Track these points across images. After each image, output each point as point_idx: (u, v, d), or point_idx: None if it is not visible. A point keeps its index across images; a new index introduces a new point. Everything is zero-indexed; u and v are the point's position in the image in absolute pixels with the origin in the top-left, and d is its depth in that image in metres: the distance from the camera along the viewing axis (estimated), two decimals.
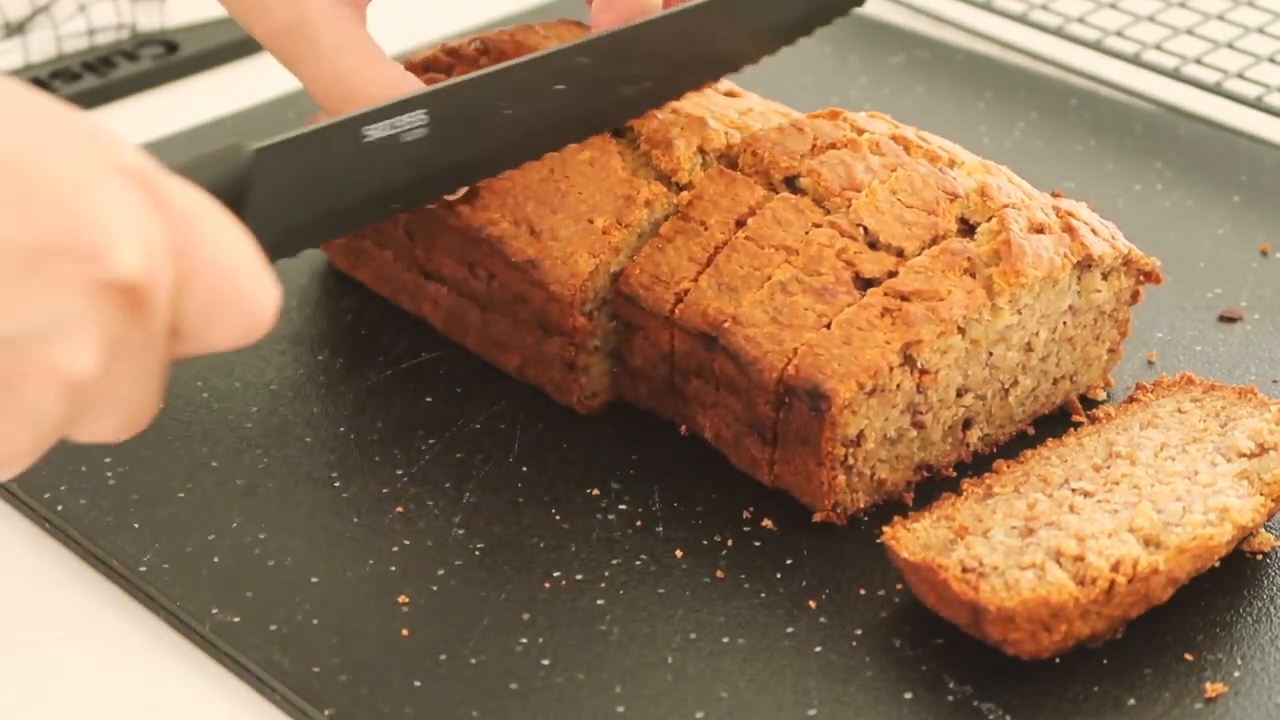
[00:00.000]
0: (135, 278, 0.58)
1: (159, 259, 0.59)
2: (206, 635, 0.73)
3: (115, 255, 0.57)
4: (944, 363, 0.78)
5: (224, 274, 0.62)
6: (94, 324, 0.57)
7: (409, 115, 0.76)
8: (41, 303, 0.56)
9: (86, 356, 0.58)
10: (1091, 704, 0.70)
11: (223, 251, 0.62)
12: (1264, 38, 1.14)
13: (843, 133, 0.83)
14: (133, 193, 0.58)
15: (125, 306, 0.58)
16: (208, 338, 0.62)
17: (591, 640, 0.73)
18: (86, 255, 0.57)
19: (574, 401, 0.84)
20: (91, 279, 0.57)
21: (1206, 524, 0.71)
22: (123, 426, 0.62)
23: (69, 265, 0.56)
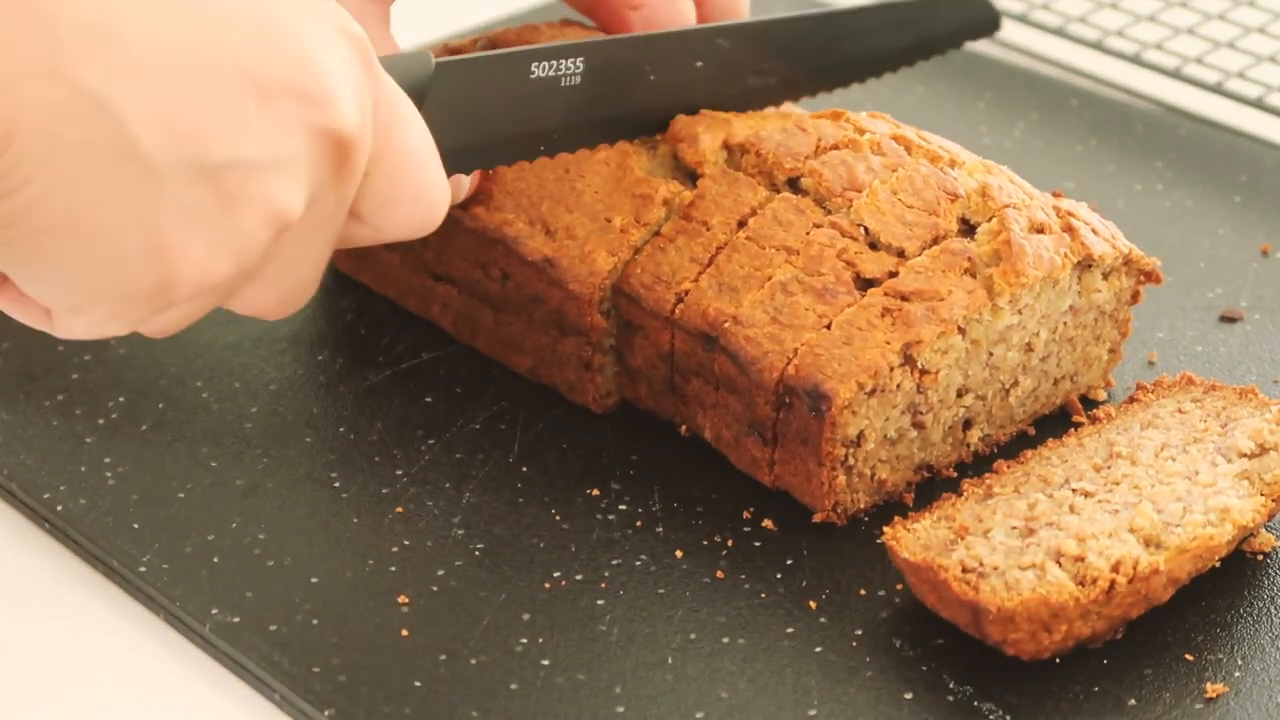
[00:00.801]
0: (352, 131, 0.62)
1: (368, 123, 0.64)
2: (206, 635, 0.73)
3: (339, 106, 0.62)
4: (944, 363, 0.78)
5: (411, 160, 0.66)
6: (307, 168, 0.62)
7: (570, 60, 0.80)
8: (272, 134, 0.61)
9: (297, 196, 0.62)
10: (1091, 704, 0.70)
11: (412, 139, 0.67)
12: (1264, 38, 1.14)
13: (845, 133, 0.83)
14: (355, 58, 0.63)
15: (333, 160, 0.62)
16: (384, 222, 0.67)
17: (591, 640, 0.73)
18: (315, 100, 0.61)
19: (589, 401, 0.84)
20: (314, 123, 0.62)
21: (1207, 524, 0.71)
22: (285, 299, 0.66)
23: (299, 106, 0.61)
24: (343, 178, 0.64)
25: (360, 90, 0.64)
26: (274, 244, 0.63)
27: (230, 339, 0.89)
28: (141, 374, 0.87)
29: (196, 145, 0.60)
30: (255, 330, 0.90)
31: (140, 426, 0.83)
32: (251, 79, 0.61)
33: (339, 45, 0.63)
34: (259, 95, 0.61)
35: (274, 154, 0.61)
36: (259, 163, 0.61)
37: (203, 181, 0.60)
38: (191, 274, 0.61)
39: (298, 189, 0.62)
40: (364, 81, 0.64)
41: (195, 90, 0.60)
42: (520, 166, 0.85)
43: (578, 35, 0.90)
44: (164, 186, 0.60)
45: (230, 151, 0.60)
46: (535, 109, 0.80)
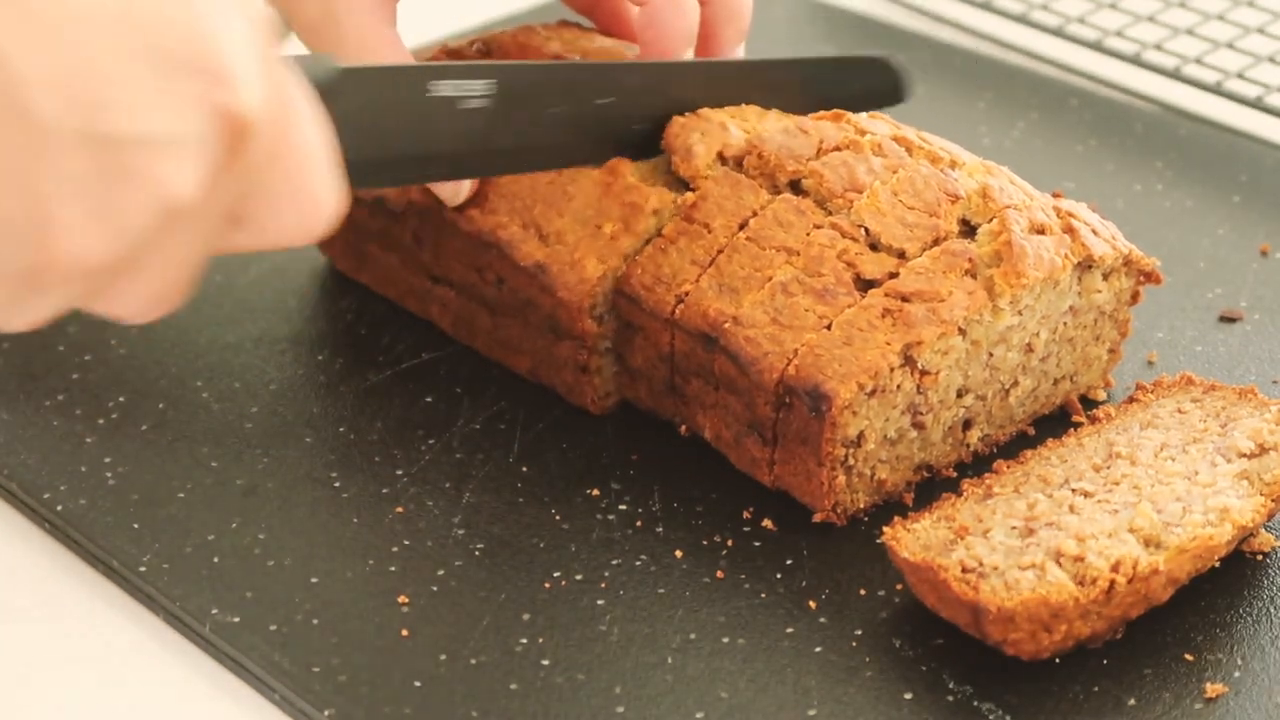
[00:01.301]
0: (253, 112, 0.59)
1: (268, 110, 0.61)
2: (206, 635, 0.73)
3: (240, 86, 0.59)
4: (944, 363, 0.78)
5: (305, 160, 0.63)
6: (204, 152, 0.59)
7: (477, 81, 0.78)
8: (168, 108, 0.58)
9: (188, 179, 0.58)
10: (1091, 704, 0.70)
11: (308, 138, 0.63)
12: (1264, 38, 1.14)
13: (846, 135, 0.83)
14: (259, 42, 0.60)
15: (229, 144, 0.59)
16: (268, 224, 0.63)
17: (591, 640, 0.73)
18: (215, 77, 0.58)
19: (587, 402, 0.84)
20: (212, 102, 0.58)
21: (1206, 524, 0.71)
22: (154, 301, 0.62)
23: (197, 83, 0.58)
24: (235, 165, 0.60)
25: (262, 74, 0.60)
26: (157, 231, 0.59)
27: (230, 339, 0.89)
28: (141, 374, 0.87)
29: (91, 113, 0.57)
30: (255, 330, 0.90)
31: (140, 426, 0.83)
32: (155, 51, 0.58)
33: (242, 25, 0.60)
34: (161, 68, 0.58)
35: (170, 131, 0.58)
36: (154, 138, 0.58)
37: (92, 151, 0.57)
38: (69, 251, 0.57)
39: (190, 170, 0.59)
40: (265, 67, 0.61)
41: (96, 56, 0.57)
42: None
43: (575, 37, 0.90)
44: (51, 151, 0.56)
45: (125, 123, 0.57)
46: (434, 129, 0.78)
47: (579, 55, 0.88)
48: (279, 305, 0.92)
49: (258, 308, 0.91)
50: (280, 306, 0.92)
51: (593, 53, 0.88)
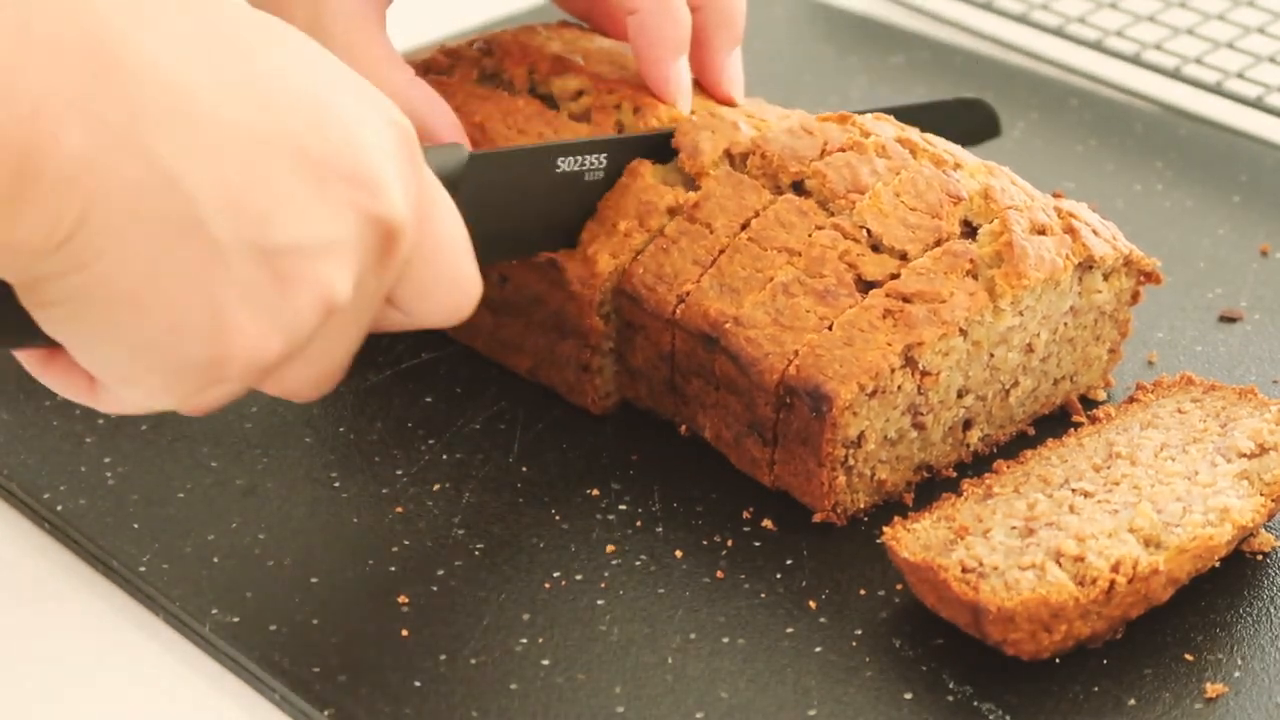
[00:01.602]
0: (400, 218, 0.64)
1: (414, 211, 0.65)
2: (206, 635, 0.73)
3: (389, 193, 0.64)
4: (945, 364, 0.78)
5: (448, 251, 0.68)
6: (357, 253, 0.63)
7: (594, 155, 0.82)
8: (327, 218, 0.62)
9: (347, 281, 0.63)
10: (1091, 704, 0.70)
11: (450, 230, 0.68)
12: (1264, 38, 1.14)
13: (851, 136, 0.83)
14: (402, 148, 0.65)
15: (380, 246, 0.64)
16: (419, 309, 0.68)
17: (591, 640, 0.73)
18: (367, 186, 0.63)
19: (588, 402, 0.84)
20: (366, 209, 0.63)
21: (1206, 524, 0.71)
22: (318, 382, 0.67)
23: (354, 193, 0.63)
24: (387, 264, 0.65)
25: (406, 179, 0.65)
26: (320, 326, 0.64)
27: None
28: None
29: (259, 226, 0.61)
30: None
31: (140, 426, 0.83)
32: (311, 163, 0.62)
33: (388, 133, 0.65)
34: (317, 179, 0.62)
35: (328, 237, 0.62)
36: (314, 245, 0.62)
37: (262, 261, 0.61)
38: (245, 352, 0.62)
39: (348, 273, 0.63)
40: (409, 171, 0.65)
41: (259, 172, 0.61)
42: None
43: (575, 37, 0.90)
44: (227, 264, 0.61)
45: (289, 233, 0.62)
46: (559, 202, 0.82)
47: (580, 55, 0.88)
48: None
49: None
50: None
51: (593, 53, 0.88)
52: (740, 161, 0.83)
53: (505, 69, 0.88)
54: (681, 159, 0.83)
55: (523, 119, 0.86)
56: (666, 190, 0.82)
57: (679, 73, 0.85)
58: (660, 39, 0.84)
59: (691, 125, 0.84)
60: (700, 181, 0.82)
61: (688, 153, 0.83)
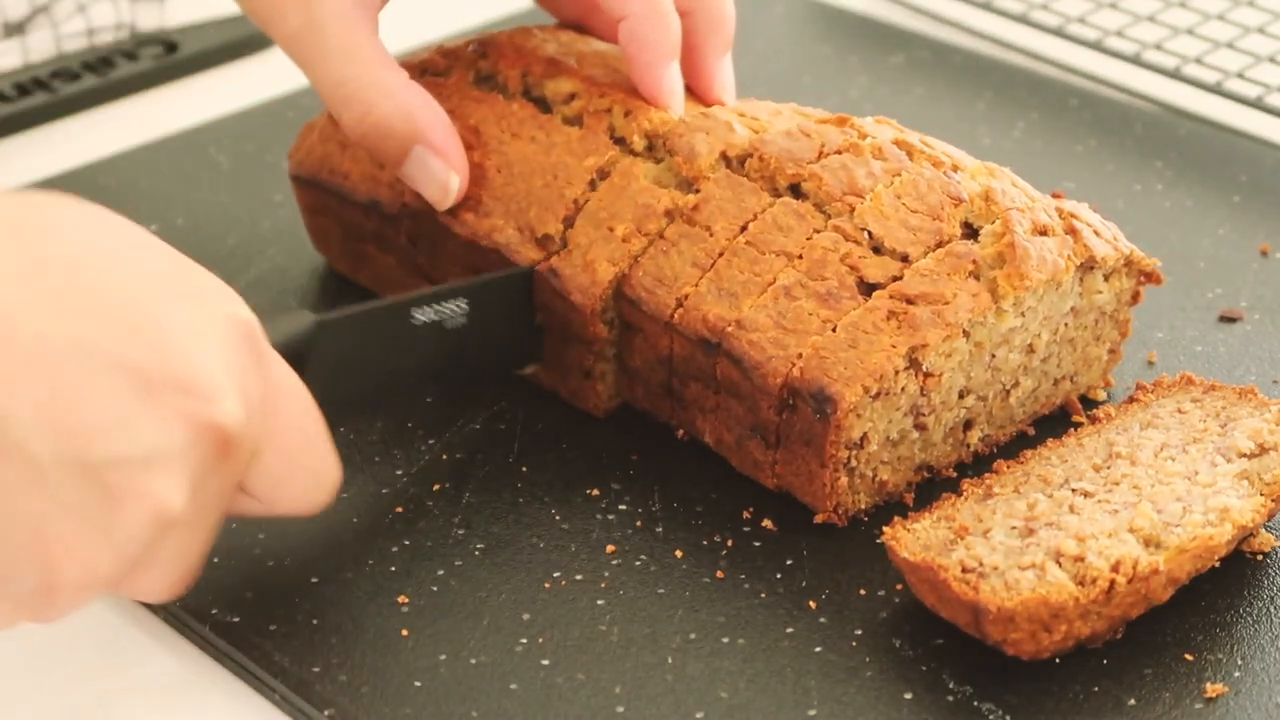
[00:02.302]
0: (235, 424, 0.62)
1: (253, 413, 0.63)
2: (206, 635, 0.73)
3: (222, 400, 0.61)
4: (948, 365, 0.78)
5: (300, 440, 0.66)
6: (189, 462, 0.61)
7: (453, 302, 0.80)
8: (153, 429, 0.60)
9: (180, 492, 0.61)
10: (1091, 704, 0.70)
11: (303, 421, 0.67)
12: (1264, 38, 1.14)
13: (849, 138, 0.83)
14: (240, 346, 0.63)
15: (216, 453, 0.62)
16: (275, 501, 0.67)
17: (591, 640, 0.73)
18: (198, 393, 0.61)
19: (591, 407, 0.84)
20: (196, 417, 0.61)
21: (1206, 524, 0.71)
22: (171, 585, 0.65)
23: (181, 400, 0.60)
24: (227, 468, 0.63)
25: (246, 378, 0.63)
26: (156, 538, 0.62)
27: None
28: None
29: (78, 441, 0.59)
30: None
31: None
32: (133, 373, 0.60)
33: (225, 332, 0.63)
34: (141, 390, 0.60)
35: (156, 448, 0.60)
36: (141, 459, 0.60)
37: (86, 477, 0.59)
38: (75, 572, 0.60)
39: (180, 484, 0.61)
40: (250, 368, 0.63)
41: (77, 385, 0.59)
42: (507, 172, 0.84)
43: (572, 39, 0.90)
44: (48, 483, 0.59)
45: (113, 448, 0.59)
46: (423, 354, 0.80)
47: (574, 58, 0.88)
48: (279, 305, 0.92)
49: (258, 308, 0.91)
50: (280, 306, 0.91)
51: (588, 56, 0.88)
52: (738, 164, 0.83)
53: (500, 71, 0.88)
54: (677, 161, 0.83)
55: (516, 123, 0.86)
56: (662, 193, 0.82)
57: (671, 78, 0.85)
58: (652, 44, 0.84)
59: (685, 127, 0.84)
60: (698, 184, 0.82)
61: (683, 155, 0.83)
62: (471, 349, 0.82)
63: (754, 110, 0.86)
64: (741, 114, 0.85)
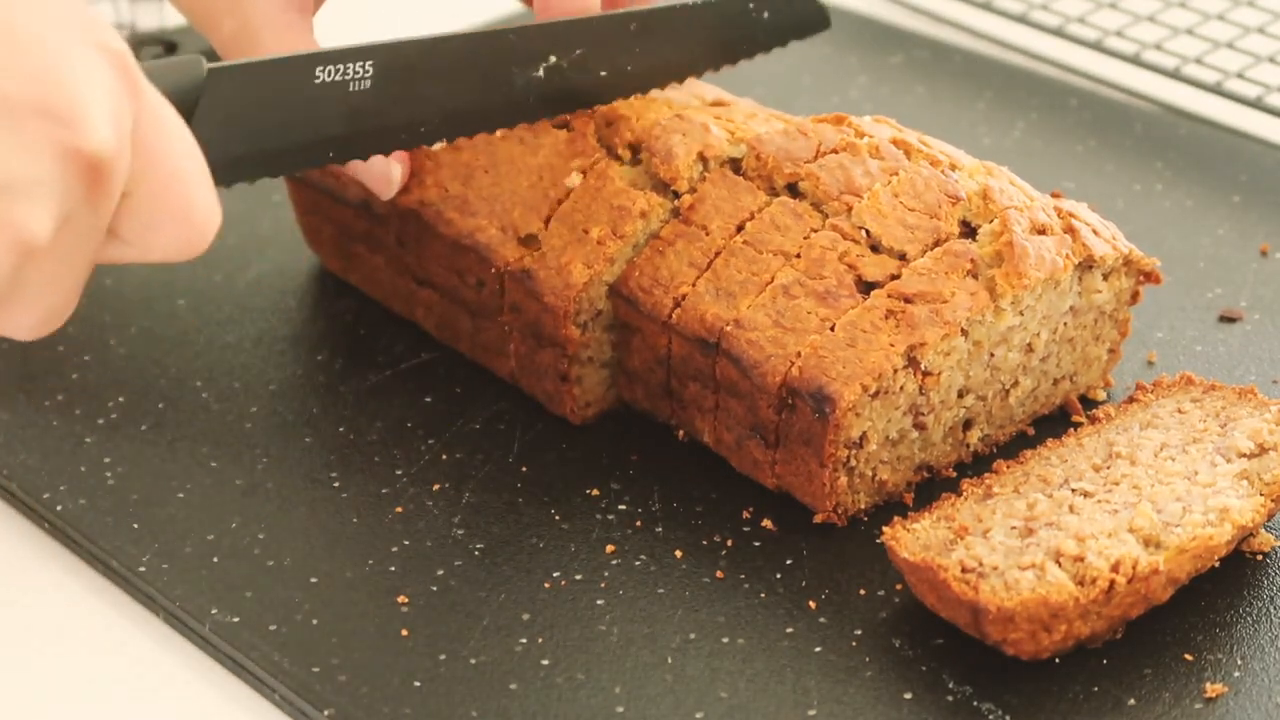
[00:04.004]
0: (104, 151, 0.59)
1: (125, 143, 0.61)
2: (206, 635, 0.73)
3: (90, 125, 0.59)
4: (947, 364, 0.78)
5: (177, 179, 0.63)
6: (56, 190, 0.59)
7: (358, 64, 0.77)
8: (16, 155, 0.58)
9: (44, 220, 0.59)
10: (1091, 704, 0.70)
11: (179, 157, 0.63)
12: (1264, 38, 1.14)
13: (846, 138, 0.83)
14: (112, 74, 0.60)
15: (85, 182, 0.60)
16: (146, 244, 0.64)
17: (591, 640, 0.73)
18: (64, 119, 0.59)
19: (567, 412, 0.84)
20: (63, 144, 0.59)
21: (1206, 524, 0.71)
22: (42, 321, 0.63)
23: (46, 126, 0.58)
24: (97, 199, 0.61)
25: (118, 107, 0.61)
26: (22, 268, 0.60)
27: (230, 339, 0.89)
28: (141, 374, 0.87)
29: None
30: (255, 330, 0.90)
31: (140, 426, 0.83)
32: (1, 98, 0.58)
33: (94, 59, 0.61)
34: (5, 115, 0.59)
35: (18, 176, 0.59)
36: (5, 185, 0.59)
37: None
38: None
39: (45, 212, 0.59)
40: (123, 98, 0.61)
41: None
42: (494, 173, 0.84)
43: None
44: None
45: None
46: (320, 115, 0.77)
47: None
48: (279, 305, 0.92)
49: (257, 308, 0.91)
50: (280, 307, 0.92)
51: None
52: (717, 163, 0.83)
53: None
54: (655, 164, 0.83)
55: None
56: (638, 195, 0.82)
57: None
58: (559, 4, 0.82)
59: (662, 129, 0.84)
60: (678, 187, 0.82)
61: (660, 157, 0.83)
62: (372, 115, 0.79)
63: (730, 112, 0.86)
64: (718, 116, 0.85)
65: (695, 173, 0.82)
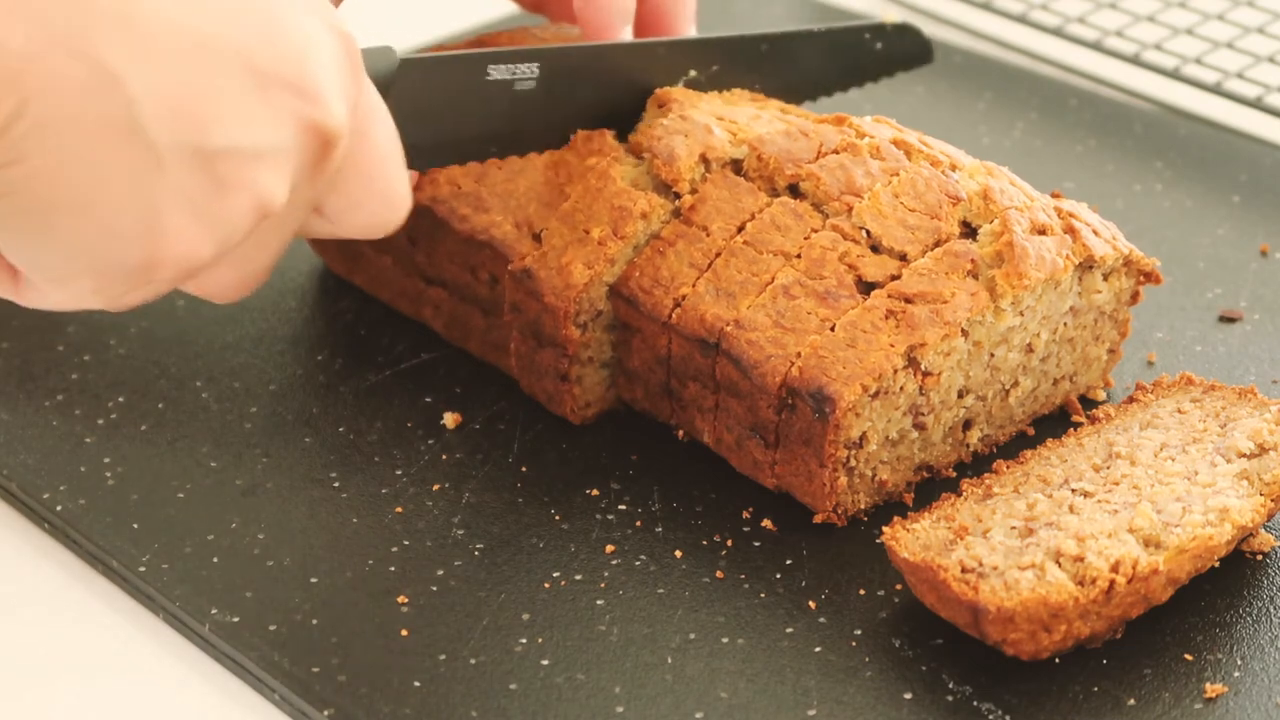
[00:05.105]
0: (338, 126, 0.64)
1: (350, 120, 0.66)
2: (206, 635, 0.73)
3: (329, 101, 0.64)
4: (947, 365, 0.78)
5: (380, 161, 0.68)
6: (293, 160, 0.64)
7: (526, 65, 0.81)
8: (266, 123, 0.63)
9: (283, 185, 0.64)
10: (1091, 704, 0.70)
11: (385, 142, 0.68)
12: (1264, 38, 1.14)
13: (847, 138, 0.83)
14: (343, 56, 0.65)
15: (316, 154, 0.64)
16: (346, 219, 0.69)
17: (591, 640, 0.73)
18: (309, 94, 0.63)
19: (566, 412, 0.84)
20: (304, 117, 0.63)
21: (1206, 524, 0.71)
22: (242, 284, 0.68)
23: (291, 99, 0.63)
24: (321, 172, 0.65)
25: (346, 88, 0.65)
26: (252, 230, 0.64)
27: (230, 339, 0.89)
28: (141, 374, 0.87)
29: (197, 129, 0.61)
30: (255, 330, 0.90)
31: (140, 426, 0.83)
32: (251, 69, 0.62)
33: (330, 42, 0.65)
34: (257, 85, 0.62)
35: (266, 143, 0.63)
36: (251, 150, 0.63)
37: (199, 165, 0.62)
38: (178, 254, 0.63)
39: (283, 179, 0.64)
40: (349, 79, 0.66)
41: (201, 76, 0.61)
42: (509, 169, 0.84)
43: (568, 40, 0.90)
44: (163, 167, 0.61)
45: (227, 138, 0.62)
46: (491, 111, 0.81)
47: None
48: (279, 305, 0.92)
49: (258, 308, 0.91)
50: (280, 306, 0.92)
51: None
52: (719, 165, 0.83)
53: None
54: (657, 165, 0.83)
55: None
56: (640, 195, 0.82)
57: None
58: (604, 8, 0.85)
59: (664, 130, 0.84)
60: (679, 189, 0.82)
61: (664, 159, 0.83)
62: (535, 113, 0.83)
63: (734, 114, 0.86)
64: (720, 117, 0.85)
65: (697, 174, 0.82)
